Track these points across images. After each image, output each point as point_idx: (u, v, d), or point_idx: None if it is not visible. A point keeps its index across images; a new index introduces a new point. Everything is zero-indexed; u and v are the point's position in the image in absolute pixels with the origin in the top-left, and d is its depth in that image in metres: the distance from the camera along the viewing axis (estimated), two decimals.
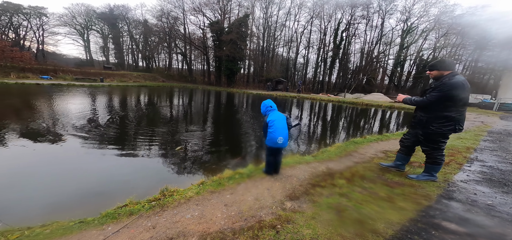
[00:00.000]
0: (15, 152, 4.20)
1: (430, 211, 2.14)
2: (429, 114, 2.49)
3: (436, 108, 2.42)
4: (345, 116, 12.93)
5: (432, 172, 2.75)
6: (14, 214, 2.46)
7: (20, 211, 2.55)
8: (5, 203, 2.68)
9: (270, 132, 2.75)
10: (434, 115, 2.44)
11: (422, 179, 2.80)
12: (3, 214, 2.38)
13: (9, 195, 2.86)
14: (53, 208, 2.61)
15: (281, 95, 24.31)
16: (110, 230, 1.81)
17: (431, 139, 2.57)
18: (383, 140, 5.52)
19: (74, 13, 37.79)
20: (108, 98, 13.15)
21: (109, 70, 30.50)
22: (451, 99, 2.29)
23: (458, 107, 2.32)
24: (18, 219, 2.21)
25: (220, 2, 32.06)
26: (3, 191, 2.91)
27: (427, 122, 2.51)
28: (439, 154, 2.61)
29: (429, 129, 2.51)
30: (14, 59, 20.31)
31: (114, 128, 6.48)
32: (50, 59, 33.50)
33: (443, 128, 2.42)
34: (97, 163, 4.00)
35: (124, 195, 2.57)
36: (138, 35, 40.45)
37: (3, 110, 7.94)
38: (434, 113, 2.44)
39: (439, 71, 2.44)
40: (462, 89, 2.24)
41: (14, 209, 2.58)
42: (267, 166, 3.00)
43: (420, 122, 2.61)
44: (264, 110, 2.97)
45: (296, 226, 1.86)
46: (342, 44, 33.52)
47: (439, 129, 2.44)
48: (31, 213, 2.47)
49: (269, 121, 2.78)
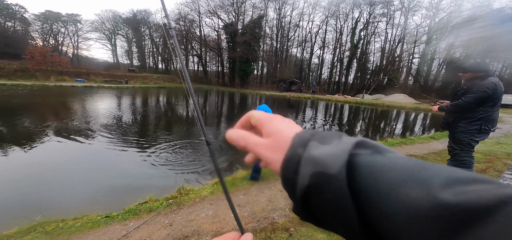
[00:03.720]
0: (54, 147, 4.70)
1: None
2: (456, 115, 2.47)
3: (469, 109, 2.38)
4: (363, 118, 12.29)
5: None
6: (51, 207, 2.74)
7: (55, 204, 2.84)
8: (44, 196, 3.00)
9: None
10: (460, 115, 2.43)
11: None
12: (42, 207, 2.68)
13: (47, 189, 3.20)
14: (83, 201, 2.87)
15: (294, 96, 23.92)
16: (132, 225, 1.93)
17: (458, 139, 2.52)
18: (407, 143, 5.13)
19: (103, 19, 41.54)
20: (132, 100, 14.12)
21: (133, 73, 32.85)
22: (485, 100, 2.26)
23: (486, 108, 2.28)
24: (54, 211, 2.47)
25: (234, 4, 32.69)
26: (43, 186, 3.27)
27: (454, 121, 2.50)
28: (467, 156, 2.51)
29: (456, 129, 2.49)
30: (54, 63, 22.79)
31: (137, 128, 6.94)
32: (83, 63, 37.13)
33: (469, 127, 2.38)
34: (121, 160, 4.30)
35: (145, 191, 2.73)
36: (157, 39, 42.93)
37: (46, 110, 8.95)
38: (460, 113, 2.43)
39: (473, 73, 2.37)
40: (494, 91, 2.21)
41: (51, 202, 2.89)
42: (255, 172, 2.82)
43: (447, 123, 2.58)
44: None
45: (309, 230, 1.81)
46: (360, 43, 32.03)
47: (465, 128, 2.41)
48: (65, 206, 2.74)
49: None
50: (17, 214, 2.39)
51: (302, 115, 11.90)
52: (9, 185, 3.14)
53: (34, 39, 36.98)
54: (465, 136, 2.42)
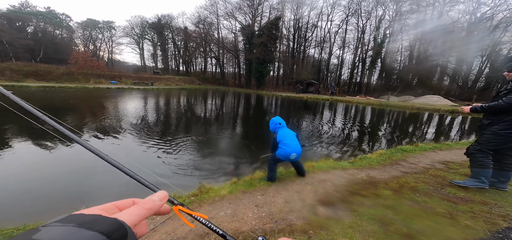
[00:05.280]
0: (93, 143, 5.28)
1: (511, 234, 1.70)
2: (493, 117, 2.34)
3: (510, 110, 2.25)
4: (388, 121, 11.40)
5: (481, 177, 2.48)
6: (82, 199, 3.07)
7: (94, 194, 3.18)
8: (87, 188, 3.38)
9: (282, 148, 2.62)
10: (498, 118, 2.28)
11: (470, 185, 2.59)
12: (86, 198, 3.01)
13: (88, 182, 3.60)
14: (115, 195, 3.16)
15: (312, 97, 23.23)
16: (158, 220, 2.05)
17: (484, 140, 2.41)
18: (442, 149, 4.63)
19: (132, 24, 45.34)
20: (156, 100, 15.15)
21: (158, 75, 35.26)
22: None
23: None
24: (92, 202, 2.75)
25: (251, 6, 33.04)
26: (86, 178, 3.69)
27: (490, 124, 2.37)
28: (483, 157, 2.41)
29: (489, 131, 2.37)
30: (93, 67, 25.56)
31: (161, 127, 7.43)
32: (116, 66, 40.96)
33: (506, 131, 2.25)
34: (148, 157, 4.64)
35: (169, 188, 2.90)
36: (179, 42, 45.39)
37: (87, 109, 10.10)
38: (498, 116, 2.28)
39: None
40: None
41: (91, 194, 3.24)
42: (271, 172, 2.81)
43: (481, 126, 2.46)
44: (273, 127, 2.85)
45: (330, 234, 1.74)
46: (386, 42, 29.84)
47: (500, 132, 2.28)
48: (104, 199, 3.05)
49: (280, 138, 2.67)
50: (61, 205, 2.72)
51: (320, 117, 11.49)
52: (54, 177, 3.59)
53: (77, 45, 42.00)
54: (497, 139, 2.26)
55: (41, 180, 3.33)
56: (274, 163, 2.79)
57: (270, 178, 2.83)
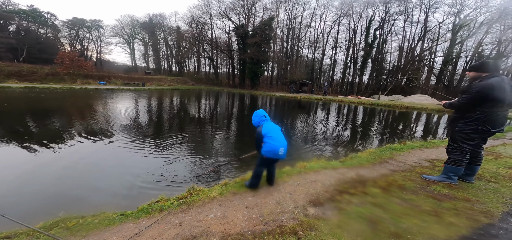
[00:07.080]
0: (79, 147, 5.06)
1: (492, 230, 1.80)
2: (457, 114, 2.53)
3: (465, 109, 2.44)
4: (379, 120, 11.69)
5: (449, 173, 2.65)
6: (71, 204, 2.94)
7: (75, 202, 3.04)
8: (70, 193, 3.23)
9: (268, 142, 2.37)
10: (460, 115, 2.48)
11: (437, 179, 2.78)
12: (65, 204, 2.87)
13: (70, 187, 3.44)
14: (101, 198, 3.03)
15: (305, 97, 23.47)
16: (144, 224, 1.99)
17: (453, 138, 2.58)
18: (429, 147, 4.78)
19: (122, 23, 44.12)
20: (148, 102, 14.78)
21: (149, 75, 34.44)
22: (480, 101, 2.26)
23: (484, 108, 2.27)
24: (75, 209, 2.63)
25: (245, 6, 32.95)
26: (66, 184, 3.52)
27: (453, 121, 2.56)
28: (459, 155, 2.54)
29: (454, 128, 2.54)
30: (80, 67, 24.57)
31: (152, 128, 7.24)
32: (105, 67, 39.65)
33: (465, 127, 2.42)
34: (138, 159, 4.50)
35: (157, 190, 2.81)
36: (172, 42, 44.58)
37: (72, 111, 9.70)
38: (460, 113, 2.48)
39: (476, 73, 2.37)
40: (491, 92, 2.18)
41: (75, 199, 3.09)
42: (256, 178, 2.55)
43: (448, 121, 2.80)
44: (258, 120, 2.61)
45: (319, 234, 1.75)
46: (376, 42, 30.64)
47: (461, 128, 2.45)
48: (87, 201, 2.91)
49: (265, 131, 2.44)
50: (51, 209, 2.58)
51: (313, 117, 11.62)
52: (44, 180, 3.42)
53: (63, 45, 40.30)
54: (460, 135, 2.46)
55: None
56: (261, 167, 2.54)
57: (251, 185, 2.56)
